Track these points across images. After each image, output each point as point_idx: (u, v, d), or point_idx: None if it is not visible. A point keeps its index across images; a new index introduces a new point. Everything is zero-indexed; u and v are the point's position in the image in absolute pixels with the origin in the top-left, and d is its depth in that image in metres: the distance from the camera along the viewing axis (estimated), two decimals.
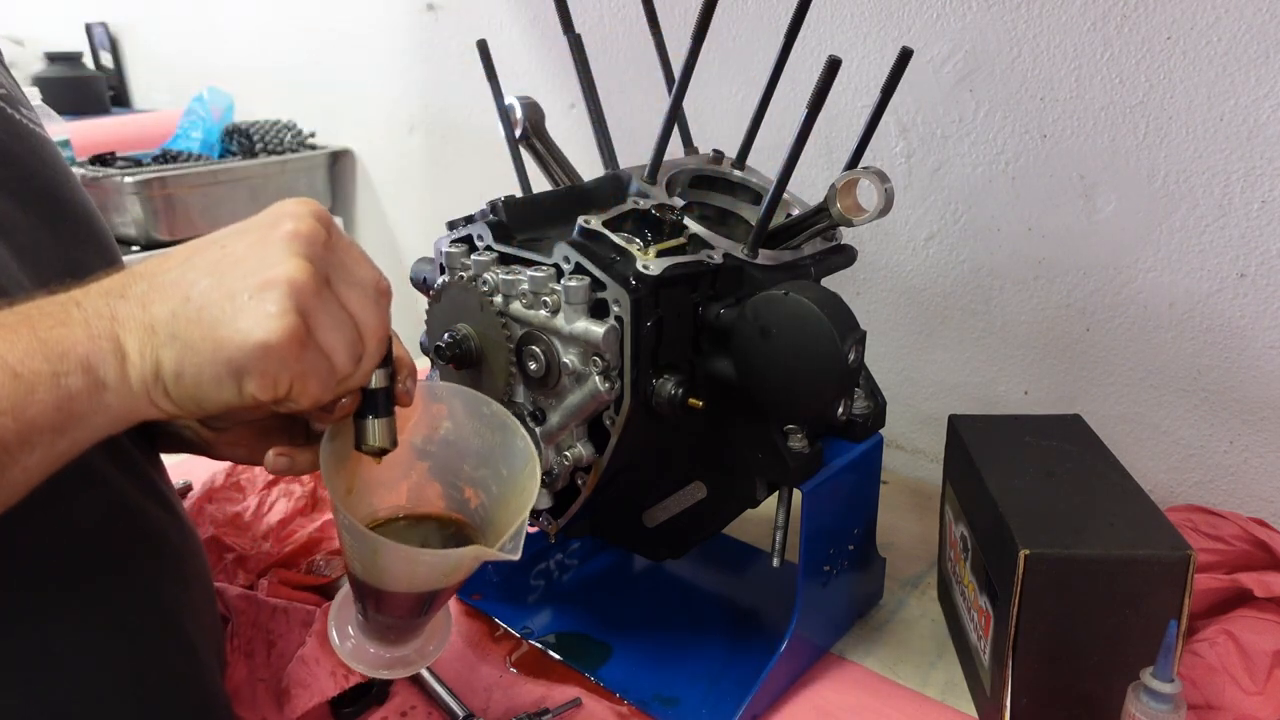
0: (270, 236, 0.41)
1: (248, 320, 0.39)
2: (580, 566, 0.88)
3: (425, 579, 0.50)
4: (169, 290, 0.40)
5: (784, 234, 0.70)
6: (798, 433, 0.65)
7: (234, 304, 0.39)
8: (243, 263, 0.40)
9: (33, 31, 2.36)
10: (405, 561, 0.48)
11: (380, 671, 0.57)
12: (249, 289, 0.39)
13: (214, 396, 0.40)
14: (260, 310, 0.39)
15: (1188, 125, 0.82)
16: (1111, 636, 0.59)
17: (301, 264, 0.40)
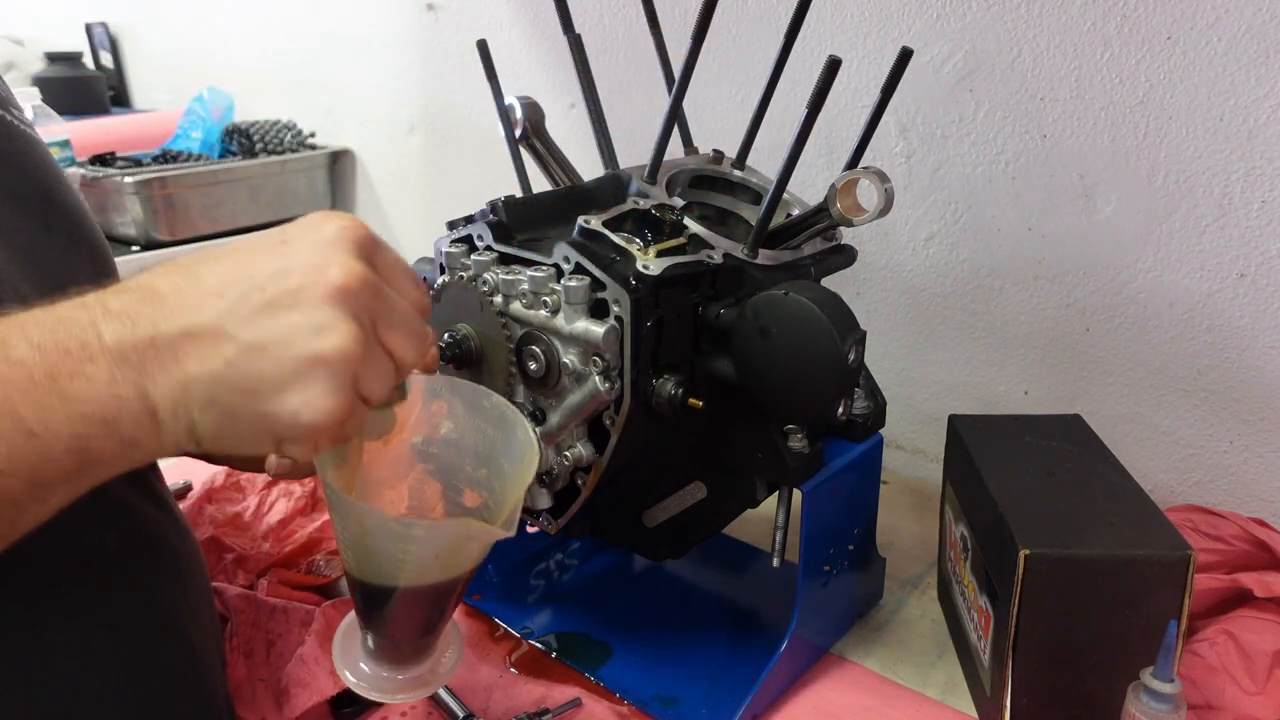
0: (318, 286, 0.37)
1: (296, 400, 0.37)
2: (580, 566, 0.88)
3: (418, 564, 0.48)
4: (206, 346, 0.36)
5: (784, 234, 0.70)
6: (798, 433, 0.65)
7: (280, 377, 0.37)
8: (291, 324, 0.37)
9: (33, 31, 2.36)
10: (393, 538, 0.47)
11: (396, 696, 0.54)
12: (298, 361, 0.37)
13: (247, 452, 0.39)
14: (311, 391, 0.37)
15: (1188, 125, 0.82)
16: (1111, 636, 0.59)
17: (352, 332, 0.37)
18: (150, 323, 0.36)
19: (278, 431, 0.38)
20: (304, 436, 0.38)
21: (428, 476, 0.56)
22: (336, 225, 0.39)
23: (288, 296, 0.37)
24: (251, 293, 0.37)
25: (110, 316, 0.35)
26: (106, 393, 0.34)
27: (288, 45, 1.75)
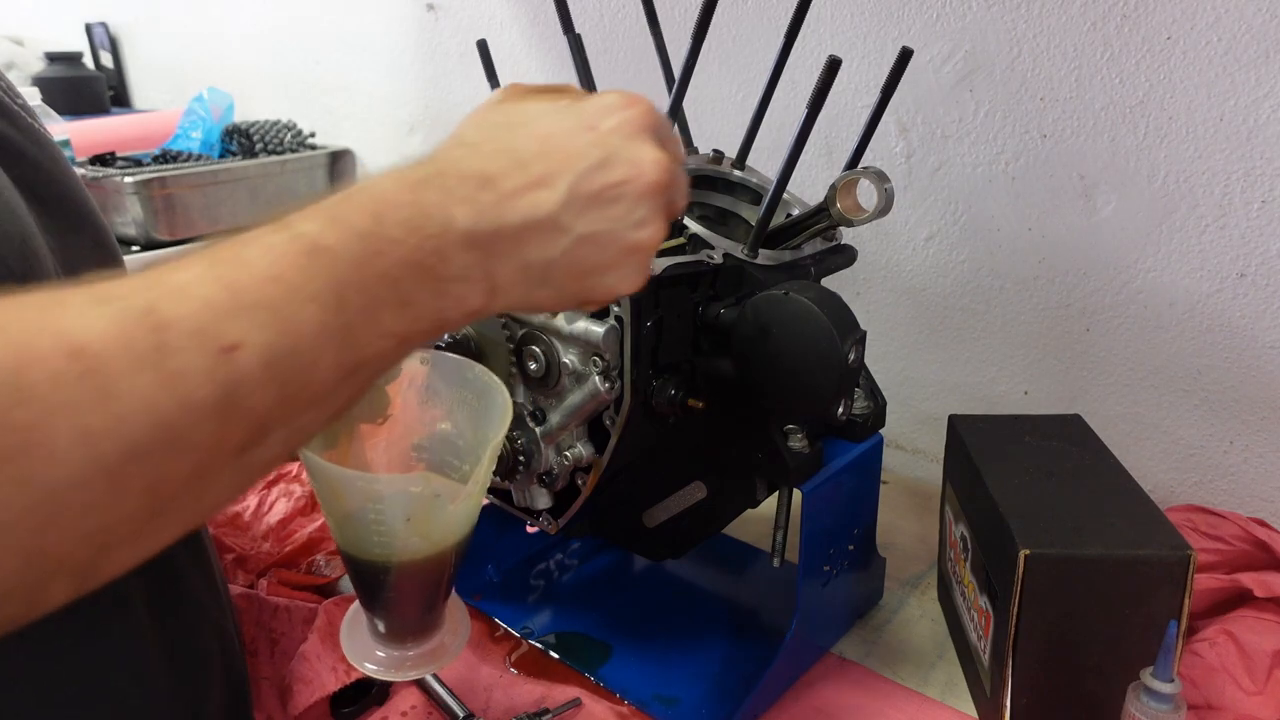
0: (638, 182, 0.41)
1: (614, 278, 0.42)
2: (580, 566, 0.88)
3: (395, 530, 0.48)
4: (545, 236, 0.40)
5: (784, 234, 0.70)
6: (798, 433, 0.65)
7: (605, 262, 0.42)
8: (616, 218, 0.41)
9: (33, 31, 2.36)
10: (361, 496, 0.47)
11: (411, 673, 0.55)
12: (621, 250, 0.42)
13: (542, 310, 0.46)
14: (626, 271, 0.42)
15: (1188, 125, 0.82)
16: (1111, 636, 0.59)
17: (663, 223, 0.43)
18: (495, 212, 0.38)
19: (592, 301, 0.43)
20: (607, 300, 0.44)
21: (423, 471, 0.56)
22: (638, 112, 0.43)
23: (611, 191, 0.41)
24: (580, 186, 0.40)
25: (461, 202, 0.38)
26: (461, 272, 0.37)
27: (288, 45, 1.75)
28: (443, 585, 0.53)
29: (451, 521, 0.49)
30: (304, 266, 0.32)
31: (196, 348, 0.28)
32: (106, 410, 0.26)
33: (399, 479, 0.48)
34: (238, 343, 0.29)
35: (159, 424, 0.27)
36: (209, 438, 0.29)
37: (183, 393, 0.27)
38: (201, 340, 0.28)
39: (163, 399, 0.27)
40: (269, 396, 0.30)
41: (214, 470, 0.30)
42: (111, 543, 0.28)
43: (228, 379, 0.29)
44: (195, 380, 0.28)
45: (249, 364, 0.29)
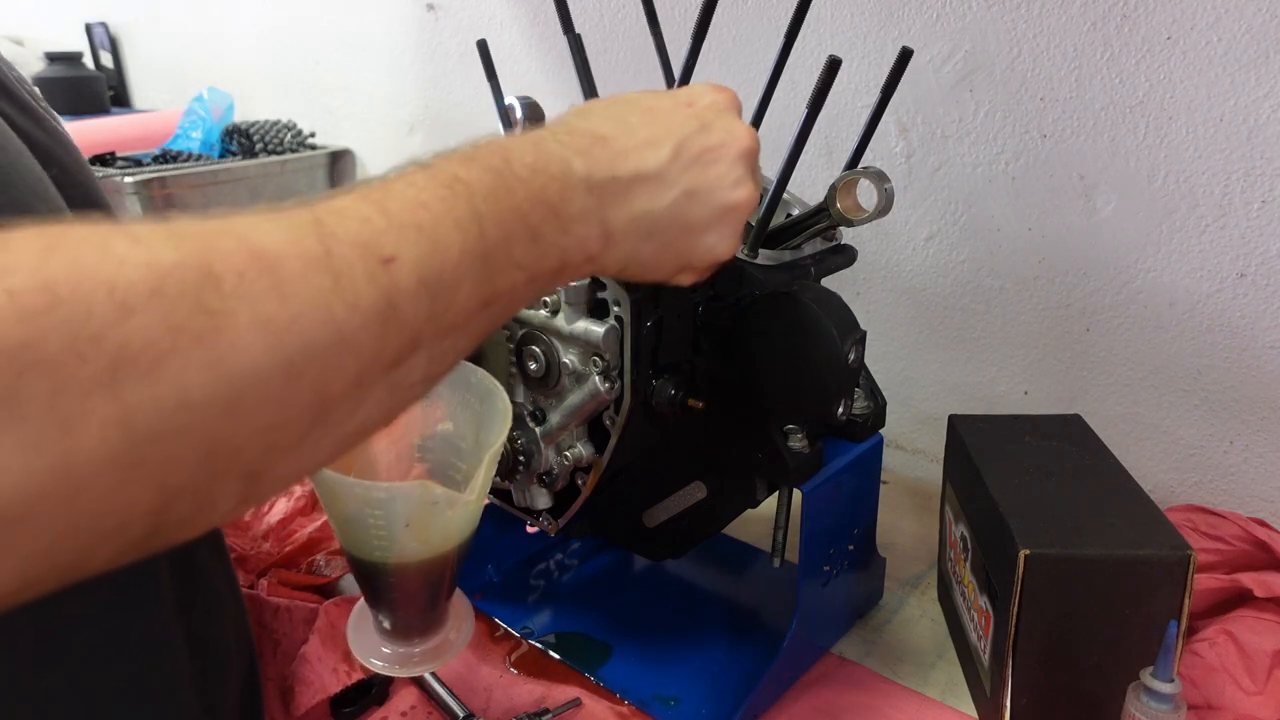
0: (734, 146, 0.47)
1: (713, 238, 0.47)
2: (580, 566, 0.88)
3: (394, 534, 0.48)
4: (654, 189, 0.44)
5: (784, 234, 0.70)
6: (798, 433, 0.65)
7: (706, 219, 0.46)
8: (716, 177, 0.46)
9: (33, 31, 2.36)
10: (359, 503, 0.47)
11: (418, 668, 0.56)
12: (719, 208, 0.46)
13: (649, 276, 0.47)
14: (723, 231, 0.47)
15: (1188, 125, 0.82)
16: (1111, 636, 0.59)
17: (754, 187, 0.48)
18: (609, 164, 0.42)
19: (691, 261, 0.47)
20: (706, 266, 0.48)
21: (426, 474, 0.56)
22: (727, 95, 0.49)
23: (711, 154, 0.46)
24: (683, 148, 0.45)
25: (578, 154, 0.41)
26: (581, 212, 0.40)
27: (288, 45, 1.75)
28: (445, 584, 0.54)
29: (451, 526, 0.49)
30: (445, 197, 0.34)
31: (360, 257, 0.30)
32: (285, 306, 0.28)
33: (397, 486, 0.48)
34: (394, 256, 0.31)
35: (330, 322, 0.29)
36: (371, 343, 0.31)
37: (351, 297, 0.30)
38: (364, 251, 0.31)
39: (334, 301, 0.29)
40: (421, 311, 0.32)
41: (370, 381, 0.31)
42: (279, 444, 0.29)
43: (388, 288, 0.31)
44: (360, 286, 0.30)
45: (405, 277, 0.31)
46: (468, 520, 0.50)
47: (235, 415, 0.27)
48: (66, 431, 0.24)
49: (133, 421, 0.25)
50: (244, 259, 0.28)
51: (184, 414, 0.26)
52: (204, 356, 0.26)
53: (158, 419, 0.25)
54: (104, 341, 0.25)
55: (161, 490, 0.27)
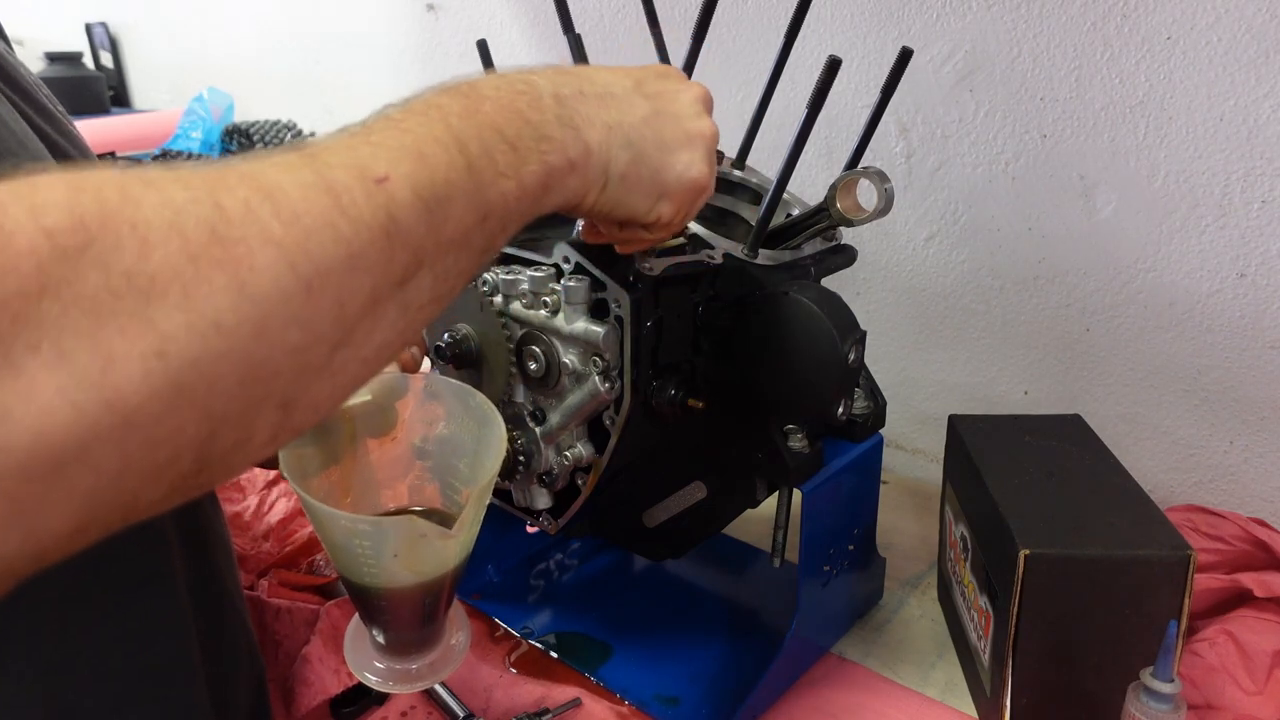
0: (690, 90, 0.50)
1: (685, 158, 0.48)
2: (580, 566, 0.88)
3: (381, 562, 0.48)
4: (624, 103, 0.46)
5: (784, 234, 0.70)
6: (798, 433, 0.65)
7: (676, 138, 0.48)
8: (681, 105, 0.49)
9: (33, 31, 2.36)
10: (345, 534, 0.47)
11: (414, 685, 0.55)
12: (687, 131, 0.48)
13: (632, 207, 0.47)
14: (692, 154, 0.49)
15: (1188, 125, 0.82)
16: (1111, 636, 0.59)
17: (713, 125, 0.50)
18: (575, 83, 0.44)
19: (667, 182, 0.48)
20: (682, 192, 0.49)
21: (426, 475, 0.56)
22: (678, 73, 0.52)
23: (672, 88, 0.50)
24: (646, 82, 0.49)
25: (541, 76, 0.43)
26: (554, 120, 0.41)
27: (288, 45, 1.75)
28: (440, 605, 0.53)
29: (441, 556, 0.49)
30: (423, 121, 0.36)
31: (355, 178, 0.32)
32: (293, 228, 0.29)
33: (384, 521, 0.48)
34: (387, 175, 0.33)
35: (338, 240, 0.30)
36: (379, 259, 0.32)
37: (353, 213, 0.31)
38: (358, 171, 0.32)
39: (338, 219, 0.31)
40: (421, 224, 0.34)
41: (384, 299, 0.33)
42: (309, 366, 0.31)
43: (387, 204, 0.32)
44: (360, 204, 0.31)
45: (400, 192, 0.33)
46: (459, 550, 0.50)
47: (265, 336, 0.28)
48: (110, 366, 0.25)
49: (170, 350, 0.26)
50: (247, 190, 0.29)
51: (218, 338, 0.27)
52: (227, 281, 0.27)
53: (194, 345, 0.26)
54: (135, 276, 0.26)
55: (206, 418, 0.27)
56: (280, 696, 0.68)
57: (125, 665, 0.48)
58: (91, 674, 0.47)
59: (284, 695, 0.68)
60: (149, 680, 0.50)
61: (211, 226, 0.28)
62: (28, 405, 0.24)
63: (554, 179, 0.41)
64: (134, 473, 0.26)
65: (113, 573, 0.48)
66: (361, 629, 0.55)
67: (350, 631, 0.56)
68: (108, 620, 0.48)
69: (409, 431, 0.54)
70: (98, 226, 0.25)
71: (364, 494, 0.54)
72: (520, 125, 0.40)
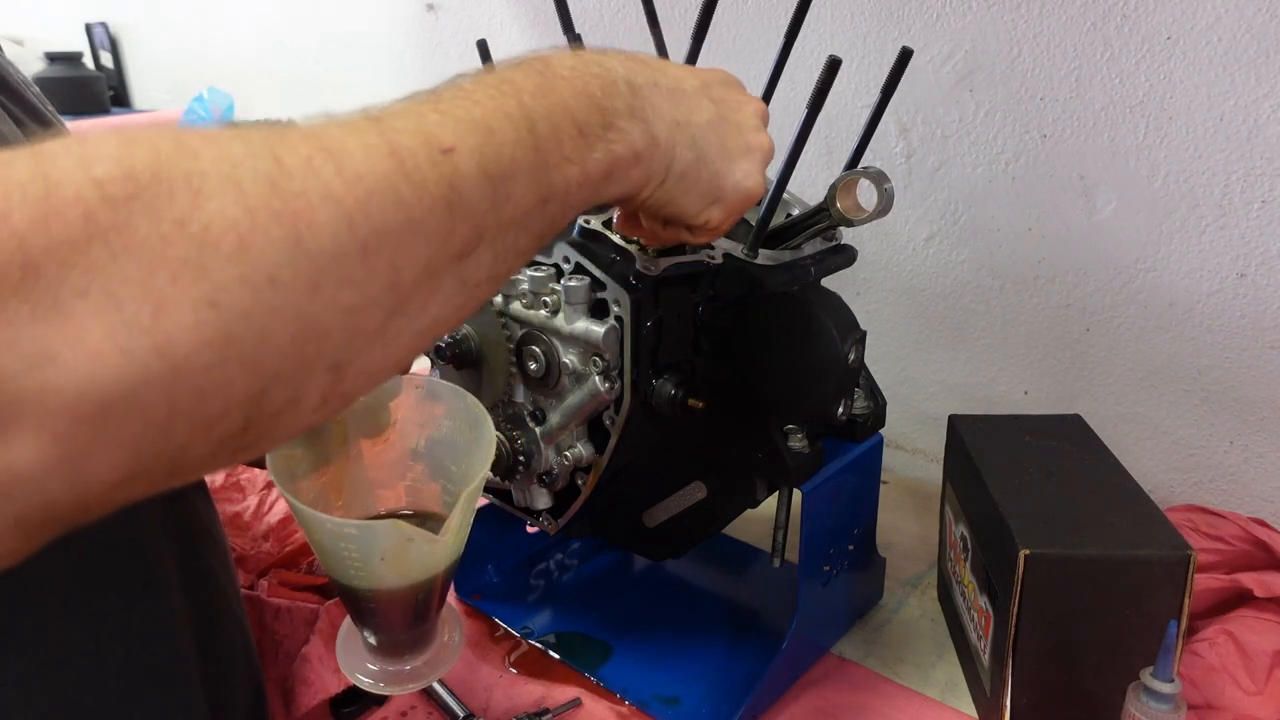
0: (745, 102, 0.51)
1: (742, 167, 0.49)
2: (580, 566, 0.88)
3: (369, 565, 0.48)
4: (692, 102, 0.46)
5: (784, 234, 0.70)
6: (798, 433, 0.65)
7: (737, 146, 0.48)
8: (743, 115, 0.49)
9: (33, 31, 2.36)
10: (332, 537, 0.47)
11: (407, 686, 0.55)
12: (747, 141, 0.49)
13: (685, 206, 0.47)
14: (750, 165, 0.49)
15: (1188, 125, 0.82)
16: (1111, 636, 0.59)
17: (769, 141, 0.51)
18: (649, 74, 0.44)
19: (724, 188, 0.48)
20: (735, 199, 0.49)
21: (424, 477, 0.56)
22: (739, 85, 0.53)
23: (736, 98, 0.50)
24: (712, 86, 0.49)
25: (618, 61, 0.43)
26: (625, 109, 0.41)
27: (288, 45, 1.75)
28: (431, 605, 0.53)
29: (429, 560, 0.49)
30: (494, 95, 0.36)
31: (421, 145, 0.32)
32: (355, 187, 0.29)
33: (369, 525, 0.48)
34: (453, 146, 0.32)
35: (399, 205, 0.30)
36: (439, 229, 0.32)
37: (416, 179, 0.31)
38: (424, 139, 0.32)
39: (400, 183, 0.30)
40: (484, 199, 0.33)
41: (441, 271, 0.32)
42: (362, 330, 0.30)
43: (451, 174, 0.32)
44: (424, 171, 0.31)
45: (465, 164, 0.33)
46: (448, 553, 0.50)
47: (319, 294, 0.28)
48: (161, 313, 0.25)
49: (223, 300, 0.26)
50: (310, 148, 0.29)
51: (271, 292, 0.27)
52: (284, 235, 0.27)
53: (247, 297, 0.26)
54: (188, 224, 0.26)
55: (256, 373, 0.27)
56: (280, 696, 0.68)
57: (121, 665, 0.48)
58: (87, 674, 0.47)
59: (284, 695, 0.68)
60: (145, 681, 0.49)
61: (271, 179, 0.27)
62: (76, 349, 0.24)
63: (617, 169, 0.41)
64: (182, 423, 0.26)
65: (107, 572, 0.48)
66: (353, 631, 0.55)
67: (342, 633, 0.56)
68: (103, 620, 0.47)
69: (404, 433, 0.54)
70: (149, 177, 0.25)
71: (357, 496, 0.54)
72: (591, 111, 0.39)
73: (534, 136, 0.36)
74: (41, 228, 0.24)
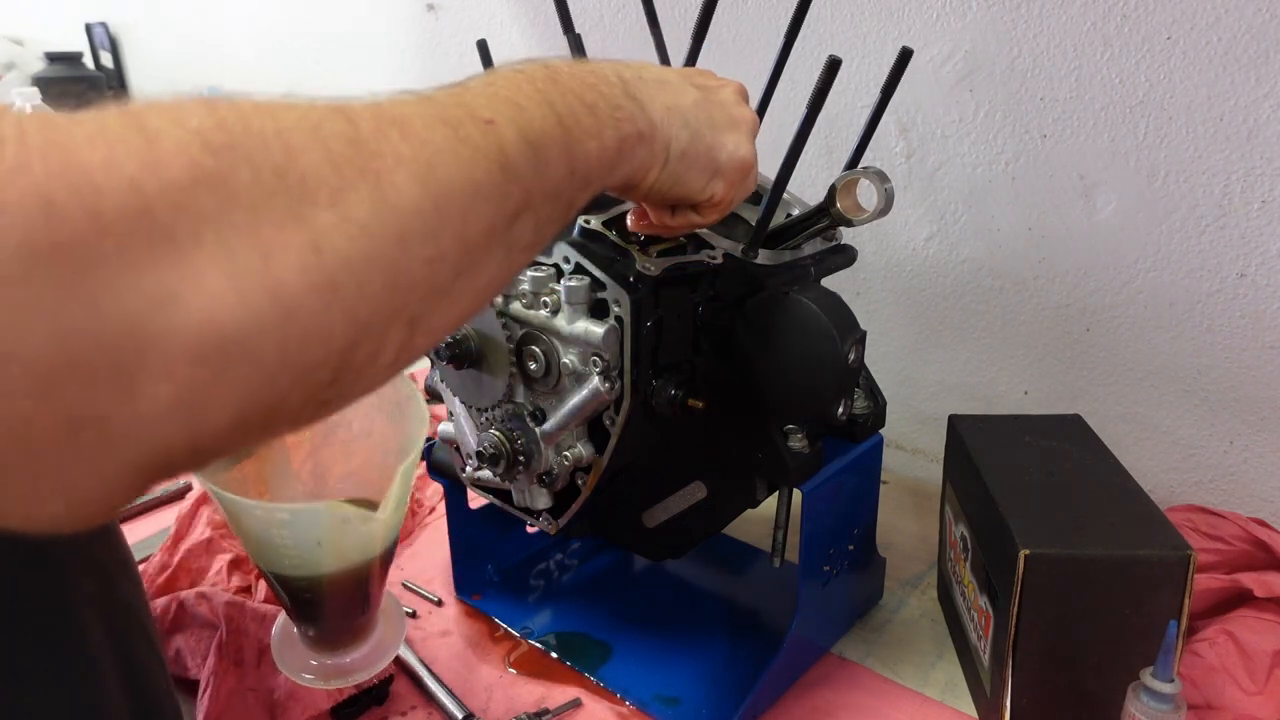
0: (724, 84, 0.55)
1: (733, 139, 0.52)
2: (580, 566, 0.88)
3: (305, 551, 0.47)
4: (678, 89, 0.49)
5: (784, 234, 0.70)
6: (798, 433, 0.65)
7: (724, 120, 0.52)
8: (725, 94, 0.53)
9: (33, 31, 2.36)
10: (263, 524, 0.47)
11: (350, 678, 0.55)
12: (732, 116, 0.52)
13: (690, 183, 0.50)
14: (739, 136, 0.52)
15: (1188, 125, 0.82)
16: (1111, 636, 0.59)
17: (752, 113, 0.55)
18: (634, 70, 0.47)
19: (720, 160, 0.51)
20: (734, 170, 0.52)
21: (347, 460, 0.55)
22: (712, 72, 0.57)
23: (715, 82, 0.55)
24: (691, 75, 0.54)
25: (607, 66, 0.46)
26: (622, 98, 0.44)
27: (288, 46, 1.75)
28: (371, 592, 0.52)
29: (367, 540, 0.48)
30: (511, 82, 0.38)
31: (468, 117, 0.34)
32: (422, 150, 0.31)
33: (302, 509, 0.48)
34: (493, 118, 0.35)
35: (461, 166, 0.32)
36: (496, 192, 0.34)
37: (472, 144, 0.33)
38: (469, 112, 0.34)
39: (460, 148, 0.33)
40: (528, 165, 0.36)
41: (499, 233, 0.35)
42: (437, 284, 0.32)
43: (498, 142, 0.34)
44: (476, 138, 0.33)
45: (507, 133, 0.35)
46: (385, 532, 0.49)
47: (406, 246, 0.30)
48: (270, 258, 0.26)
49: (325, 246, 0.27)
50: (374, 116, 0.32)
51: (366, 240, 0.28)
52: (370, 190, 0.29)
53: (346, 244, 0.28)
54: (286, 174, 0.27)
55: (353, 322, 0.28)
56: (264, 707, 0.66)
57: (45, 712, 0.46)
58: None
59: (269, 706, 0.66)
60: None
61: (350, 139, 0.29)
62: (196, 290, 0.24)
63: (627, 146, 0.44)
64: (288, 370, 0.27)
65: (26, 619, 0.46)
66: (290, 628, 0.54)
67: (277, 631, 0.55)
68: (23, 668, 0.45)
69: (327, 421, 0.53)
70: (241, 131, 0.27)
71: (282, 486, 0.54)
72: (595, 95, 0.42)
73: (555, 111, 0.38)
74: (151, 173, 0.24)
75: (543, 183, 0.37)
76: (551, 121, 0.38)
